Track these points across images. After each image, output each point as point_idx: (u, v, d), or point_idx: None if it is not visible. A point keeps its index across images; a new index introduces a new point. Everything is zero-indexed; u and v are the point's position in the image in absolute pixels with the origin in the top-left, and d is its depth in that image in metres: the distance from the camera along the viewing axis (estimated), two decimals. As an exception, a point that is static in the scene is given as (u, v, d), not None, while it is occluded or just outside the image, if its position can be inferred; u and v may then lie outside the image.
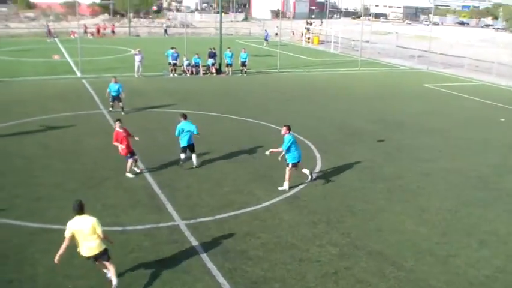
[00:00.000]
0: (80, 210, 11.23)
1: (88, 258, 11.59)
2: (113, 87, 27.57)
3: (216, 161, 20.70)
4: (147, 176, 18.74)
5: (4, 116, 26.57)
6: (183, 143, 19.51)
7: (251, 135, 24.40)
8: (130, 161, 18.70)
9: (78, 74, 40.76)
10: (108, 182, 18.10)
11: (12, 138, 22.92)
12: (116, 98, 27.89)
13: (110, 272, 11.91)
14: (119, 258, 12.79)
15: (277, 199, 17.04)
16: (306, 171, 18.58)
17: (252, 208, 16.28)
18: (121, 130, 18.36)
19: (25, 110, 28.11)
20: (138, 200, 16.59)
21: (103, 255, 11.63)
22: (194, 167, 19.81)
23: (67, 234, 11.20)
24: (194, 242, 13.93)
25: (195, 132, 19.42)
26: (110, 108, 28.13)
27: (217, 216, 15.57)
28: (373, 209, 16.59)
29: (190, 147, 19.70)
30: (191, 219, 15.27)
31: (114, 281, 11.80)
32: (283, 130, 17.76)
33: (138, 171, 19.10)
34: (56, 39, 68.68)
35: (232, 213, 15.83)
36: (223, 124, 26.51)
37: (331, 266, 13.04)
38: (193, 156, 19.85)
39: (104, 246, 11.55)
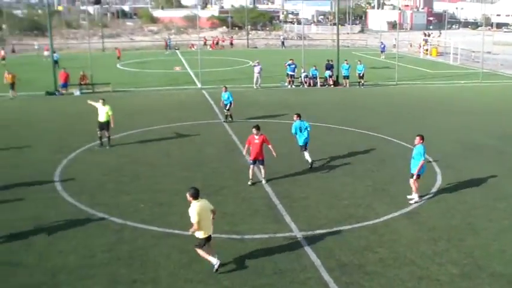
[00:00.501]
0: (198, 195, 12.49)
1: (207, 240, 12.73)
2: (223, 96, 28.43)
3: (333, 172, 20.59)
4: (266, 186, 18.96)
5: (130, 124, 27.94)
6: (300, 141, 21.06)
7: (369, 148, 24.04)
8: (251, 167, 19.15)
9: (199, 85, 42.10)
10: (227, 191, 18.51)
11: (138, 146, 24.06)
12: (227, 106, 28.76)
13: (213, 253, 12.96)
14: (235, 266, 13.06)
15: (396, 214, 16.65)
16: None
17: (370, 222, 16.01)
18: (256, 136, 18.88)
19: (149, 119, 29.44)
20: (256, 210, 16.81)
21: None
22: (309, 163, 20.97)
23: (196, 219, 12.22)
24: (311, 254, 13.88)
25: (310, 129, 21.17)
26: (225, 119, 28.92)
27: (335, 229, 15.45)
28: (496, 228, 15.77)
29: (305, 145, 21.05)
30: (308, 231, 15.25)
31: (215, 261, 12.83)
32: (417, 140, 17.54)
33: (260, 180, 19.46)
34: (177, 51, 71.34)
35: (349, 227, 15.64)
36: (340, 136, 26.36)
37: (452, 287, 12.53)
38: (306, 153, 21.04)
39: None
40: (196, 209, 12.27)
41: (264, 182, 19.20)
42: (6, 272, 13.02)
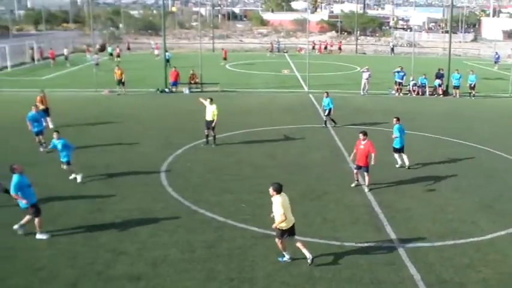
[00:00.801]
0: (281, 190, 13.13)
1: (290, 232, 13.23)
2: (324, 101, 28.24)
3: (438, 185, 19.85)
4: (369, 194, 18.61)
5: (236, 124, 28.37)
6: (396, 144, 21.51)
7: (477, 162, 23.03)
8: (355, 171, 19.24)
9: (306, 89, 42.08)
10: (329, 197, 18.33)
11: (243, 146, 24.36)
12: (327, 111, 28.53)
13: (302, 245, 13.37)
14: (333, 272, 12.92)
15: (502, 232, 15.78)
16: None
17: (475, 239, 15.27)
18: (363, 142, 18.77)
19: (255, 120, 29.75)
20: (357, 218, 16.51)
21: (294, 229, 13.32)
22: (406, 167, 21.45)
23: (281, 210, 12.80)
24: (411, 267, 13.44)
25: (404, 133, 21.63)
26: (324, 125, 28.67)
27: (437, 244, 14.86)
28: None
29: (401, 149, 21.52)
30: (410, 243, 14.78)
31: (309, 254, 13.35)
32: None
33: (363, 184, 19.26)
34: (285, 54, 71.72)
35: (452, 242, 14.99)
36: (448, 148, 25.39)
37: None
38: (404, 156, 21.62)
39: None
40: (280, 200, 12.87)
41: (366, 190, 18.86)
42: (111, 258, 13.57)
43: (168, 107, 34.57)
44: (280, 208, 12.79)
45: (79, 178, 19.56)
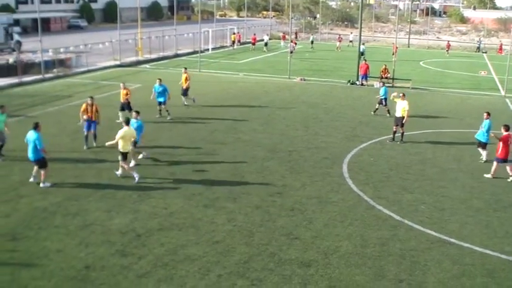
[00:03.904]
0: None
1: None
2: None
3: None
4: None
5: (424, 123, 27.59)
6: (482, 138, 21.72)
7: None
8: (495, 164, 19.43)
9: (502, 93, 39.52)
10: (516, 209, 17.18)
11: (429, 146, 23.62)
12: None
13: None
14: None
15: None
16: None
17: None
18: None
19: (444, 121, 28.67)
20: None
21: None
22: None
23: None
24: None
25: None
26: None
27: None
28: None
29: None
30: None
31: None
32: None
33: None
34: (484, 54, 67.97)
35: None
36: None
37: None
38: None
39: None
40: None
41: None
42: (284, 242, 13.99)
43: (356, 99, 34.52)
44: None
45: (132, 162, 19.80)
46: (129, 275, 12.28)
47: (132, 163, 19.72)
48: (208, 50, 58.91)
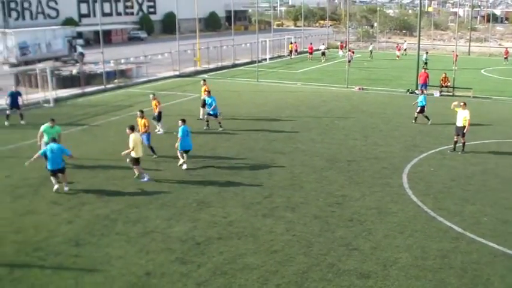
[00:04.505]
0: None
1: None
2: None
3: None
4: None
5: (487, 132, 26.90)
6: None
7: None
8: None
9: None
10: None
11: (491, 156, 23.00)
12: None
13: None
14: None
15: None
16: None
17: None
18: None
19: (507, 130, 27.87)
20: None
21: None
22: None
23: None
24: None
25: None
26: None
27: None
28: None
29: None
30: None
31: None
32: None
33: None
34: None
35: None
36: None
37: None
38: None
39: None
40: None
41: None
42: (343, 253, 13.91)
43: (415, 108, 33.96)
44: None
45: (184, 166, 20.96)
46: (188, 283, 12.45)
47: (182, 163, 21.04)
48: (265, 59, 59.20)
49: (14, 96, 28.90)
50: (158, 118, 25.97)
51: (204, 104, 28.00)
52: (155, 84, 43.35)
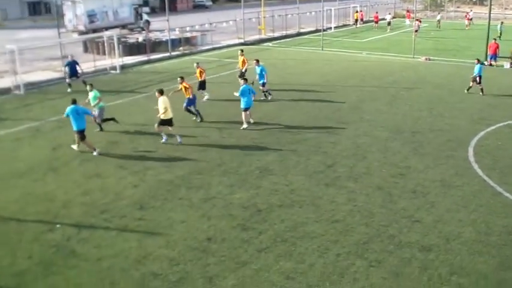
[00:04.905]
0: None
1: None
2: None
3: None
4: None
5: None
6: None
7: None
8: None
9: None
10: None
11: None
12: None
13: None
14: None
15: None
16: None
17: None
18: None
19: None
20: None
21: None
22: None
23: None
24: None
25: None
26: None
27: None
28: None
29: None
30: None
31: None
32: None
33: None
34: None
35: None
36: None
37: None
38: None
39: None
40: None
41: None
42: (405, 225, 13.78)
43: (484, 80, 32.92)
44: None
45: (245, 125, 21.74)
46: (249, 249, 12.63)
47: (248, 122, 21.95)
48: (330, 28, 58.44)
49: (72, 65, 29.50)
50: (202, 86, 26.28)
51: (242, 75, 27.76)
52: (219, 52, 43.56)
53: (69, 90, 28.84)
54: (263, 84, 26.66)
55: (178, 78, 22.98)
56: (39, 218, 14.53)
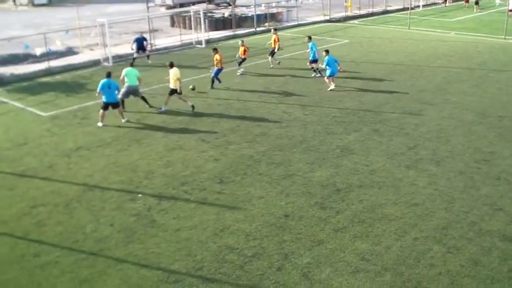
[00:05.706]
0: None
1: None
2: None
3: None
4: None
5: None
6: None
7: None
8: None
9: None
10: None
11: None
12: None
13: None
14: None
15: None
16: None
17: None
18: None
19: None
20: None
21: None
22: None
23: None
24: None
25: None
26: None
27: None
28: None
29: None
30: None
31: None
32: None
33: None
34: None
35: None
36: None
37: None
38: None
39: None
40: None
41: None
42: (487, 212, 13.41)
43: None
44: None
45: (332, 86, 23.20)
46: (325, 228, 12.72)
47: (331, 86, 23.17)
48: (418, 7, 56.82)
49: (140, 41, 30.12)
50: (240, 62, 27.46)
51: (272, 53, 28.93)
52: (305, 28, 43.32)
53: (149, 61, 30.48)
54: (312, 61, 26.68)
55: (212, 51, 24.98)
56: (122, 187, 15.18)
